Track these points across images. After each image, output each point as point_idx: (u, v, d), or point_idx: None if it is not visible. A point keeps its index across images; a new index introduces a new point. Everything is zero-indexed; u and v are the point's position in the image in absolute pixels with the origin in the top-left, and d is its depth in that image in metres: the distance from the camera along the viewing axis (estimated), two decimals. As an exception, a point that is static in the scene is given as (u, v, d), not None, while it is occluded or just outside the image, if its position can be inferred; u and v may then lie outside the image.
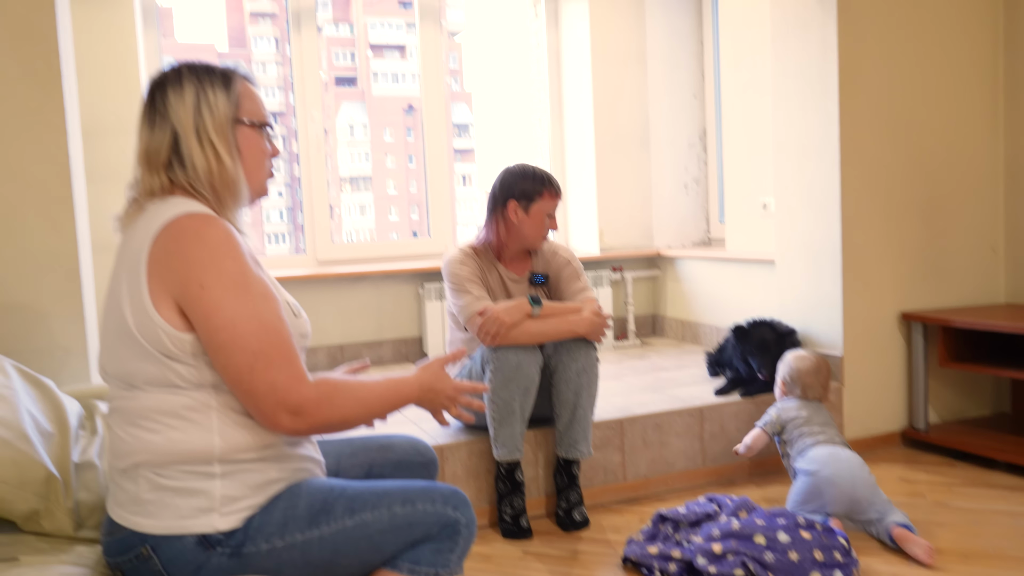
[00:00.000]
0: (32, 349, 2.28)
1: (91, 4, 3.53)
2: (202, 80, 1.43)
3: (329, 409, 1.35)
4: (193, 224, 1.33)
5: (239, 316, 1.30)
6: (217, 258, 1.31)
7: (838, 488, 2.37)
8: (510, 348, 2.45)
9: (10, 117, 2.26)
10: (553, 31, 4.70)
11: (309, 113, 4.18)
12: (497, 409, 2.47)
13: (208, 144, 1.41)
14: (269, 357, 1.30)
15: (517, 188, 2.62)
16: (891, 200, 3.21)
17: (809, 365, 2.74)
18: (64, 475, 1.57)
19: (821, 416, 2.65)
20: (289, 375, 1.32)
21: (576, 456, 2.56)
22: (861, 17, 3.10)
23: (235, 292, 1.30)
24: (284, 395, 1.30)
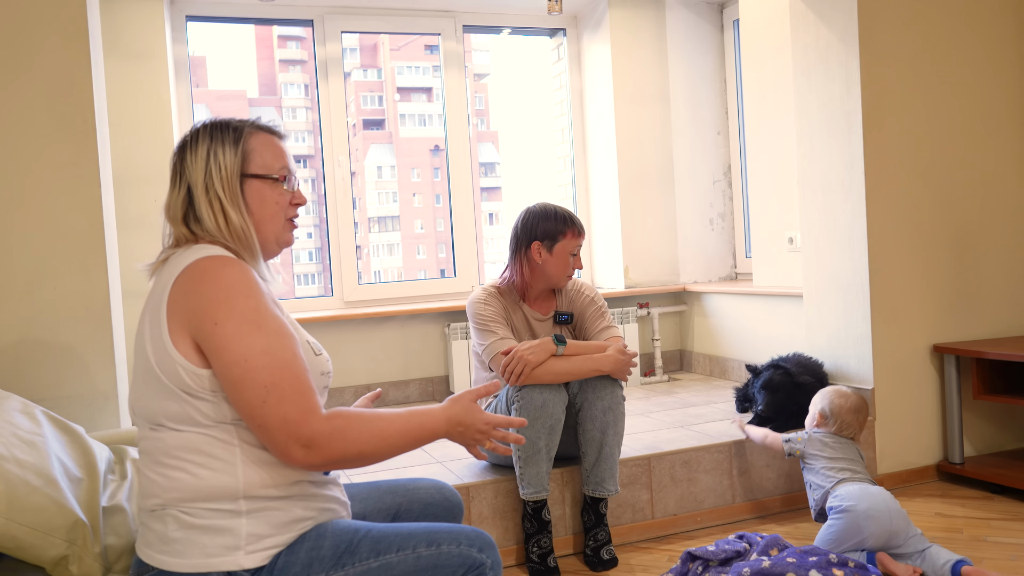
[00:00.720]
0: (63, 395, 2.33)
1: (125, 58, 3.64)
2: (214, 137, 1.49)
3: (342, 442, 1.35)
4: (211, 265, 1.38)
5: (251, 351, 1.32)
6: (231, 296, 1.35)
7: (875, 522, 2.33)
8: (535, 387, 2.45)
9: (45, 169, 2.33)
10: (576, 72, 4.76)
11: (336, 158, 4.26)
12: (523, 448, 2.46)
13: (215, 199, 1.46)
14: (281, 391, 1.32)
15: (540, 228, 2.64)
16: (919, 233, 3.18)
17: (851, 404, 2.68)
18: (92, 520, 1.59)
19: (850, 452, 2.61)
20: (301, 408, 1.32)
21: (603, 494, 2.54)
22: (883, 51, 3.10)
23: (248, 328, 1.33)
24: (296, 428, 1.31)
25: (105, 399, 2.38)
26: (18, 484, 1.49)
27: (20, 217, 2.31)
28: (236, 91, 22.45)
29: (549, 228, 2.64)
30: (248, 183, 1.49)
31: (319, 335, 3.92)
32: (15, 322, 2.30)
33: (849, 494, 2.42)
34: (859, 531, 2.35)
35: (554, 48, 4.86)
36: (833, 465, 2.56)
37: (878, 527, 2.34)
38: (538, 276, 2.68)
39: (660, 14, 4.55)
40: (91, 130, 2.37)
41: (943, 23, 3.20)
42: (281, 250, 1.58)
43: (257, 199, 1.50)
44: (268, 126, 1.57)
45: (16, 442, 1.60)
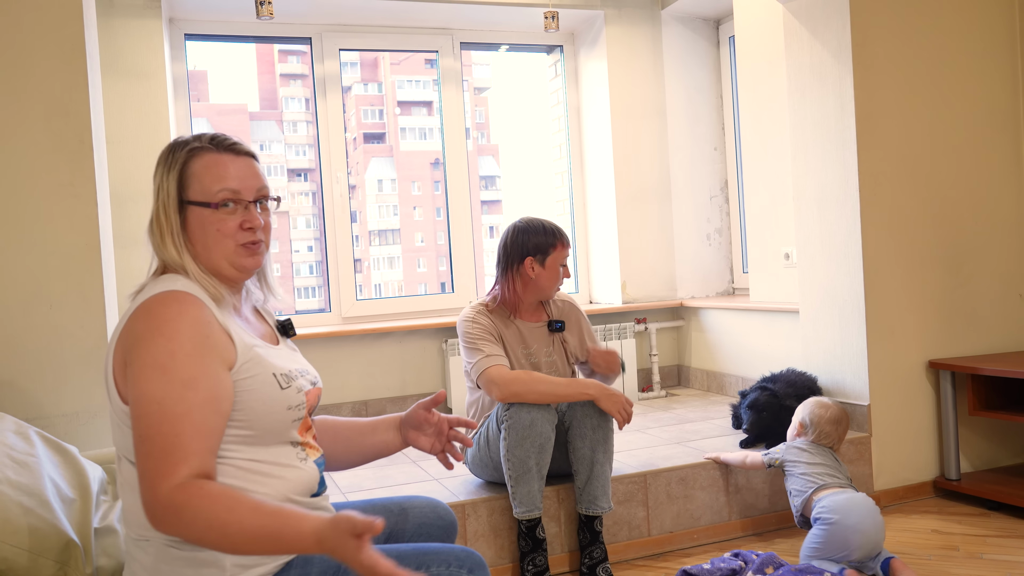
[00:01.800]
0: (58, 414, 2.33)
1: (124, 76, 3.66)
2: (167, 160, 1.46)
3: (176, 521, 1.22)
4: (152, 303, 1.35)
5: (143, 397, 1.27)
6: (151, 336, 1.30)
7: (863, 536, 2.36)
8: (523, 406, 2.46)
9: (42, 189, 2.34)
10: (573, 88, 4.78)
11: (334, 174, 4.28)
12: (513, 467, 2.47)
13: (160, 227, 1.43)
14: (151, 444, 1.25)
15: (531, 243, 2.66)
16: (914, 249, 3.19)
17: (831, 414, 2.71)
18: (84, 541, 1.59)
19: (828, 459, 2.63)
20: (156, 470, 1.23)
21: (597, 512, 2.54)
22: (876, 68, 3.12)
23: (151, 372, 1.28)
24: (145, 488, 1.24)
25: (99, 418, 2.38)
26: (10, 505, 1.50)
27: (17, 236, 2.32)
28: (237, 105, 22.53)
29: (540, 242, 2.66)
30: (189, 210, 1.43)
31: (316, 351, 3.93)
32: (10, 340, 2.31)
33: (836, 505, 2.42)
34: (846, 545, 2.36)
35: (551, 64, 4.89)
36: (812, 470, 2.58)
37: (864, 540, 2.36)
38: (531, 290, 2.70)
39: (656, 31, 4.57)
40: (88, 150, 2.39)
41: (936, 40, 3.23)
42: (244, 274, 1.48)
43: (198, 226, 1.43)
44: (221, 142, 1.48)
45: (9, 463, 1.60)
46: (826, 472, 2.58)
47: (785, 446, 2.71)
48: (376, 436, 1.72)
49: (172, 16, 4.01)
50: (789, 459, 2.65)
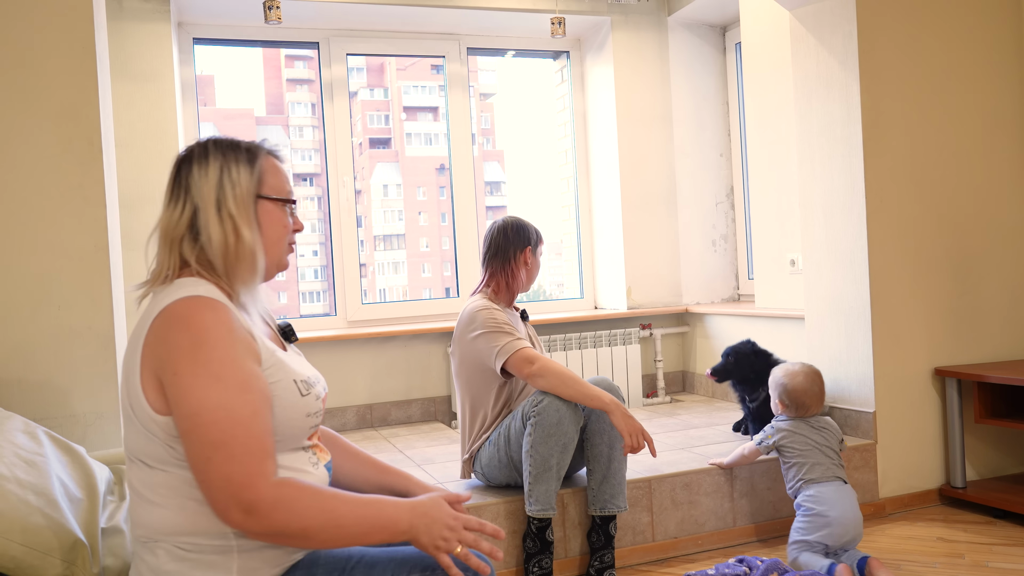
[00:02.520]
0: (66, 415, 2.34)
1: (133, 80, 3.68)
2: (227, 155, 1.45)
3: (286, 514, 1.26)
4: (183, 310, 1.33)
5: (204, 406, 1.27)
6: (196, 345, 1.30)
7: (842, 527, 2.50)
8: (551, 404, 2.46)
9: (52, 191, 2.35)
10: (579, 94, 4.79)
11: (340, 178, 4.29)
12: (535, 464, 2.47)
13: (228, 218, 1.41)
14: (229, 449, 1.26)
15: (525, 235, 2.81)
16: (920, 256, 3.19)
17: (801, 381, 2.73)
18: (91, 541, 1.60)
19: (817, 438, 2.66)
20: (248, 470, 1.26)
21: (613, 511, 2.54)
22: (883, 75, 3.13)
23: (206, 380, 1.28)
24: (238, 490, 1.25)
25: (107, 419, 2.39)
26: (18, 504, 1.50)
27: (26, 238, 2.33)
28: (244, 110, 22.59)
29: (532, 236, 2.83)
30: (260, 204, 1.46)
31: (322, 355, 3.94)
32: (19, 342, 2.32)
33: (822, 497, 2.54)
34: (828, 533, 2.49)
35: (558, 70, 4.90)
36: (803, 459, 2.63)
37: (843, 531, 2.50)
38: (528, 279, 2.83)
39: (663, 37, 4.58)
40: (97, 152, 2.40)
41: (942, 47, 3.23)
42: (280, 271, 1.55)
43: (268, 221, 1.47)
44: (275, 151, 1.54)
45: (17, 462, 1.61)
46: (815, 461, 2.62)
47: (772, 427, 2.74)
48: (388, 478, 1.68)
49: (181, 20, 4.03)
50: (783, 444, 2.69)
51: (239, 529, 1.28)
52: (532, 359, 2.51)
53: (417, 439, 3.70)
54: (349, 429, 4.02)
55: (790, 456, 2.66)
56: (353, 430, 4.01)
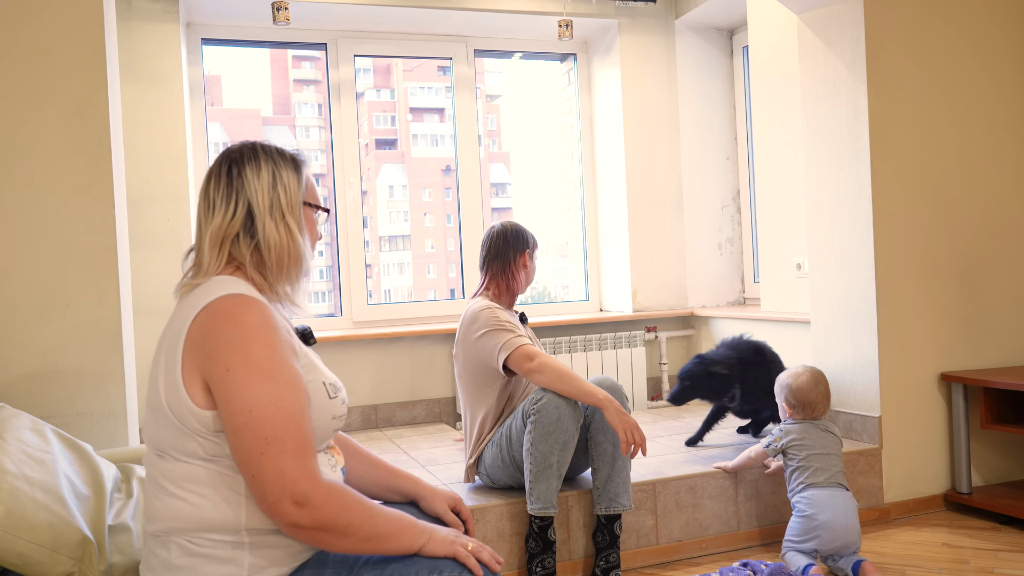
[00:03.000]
0: (73, 413, 2.35)
1: (142, 80, 3.69)
2: (276, 161, 1.50)
3: (337, 507, 1.31)
4: (230, 307, 1.36)
5: (258, 402, 1.30)
6: (247, 343, 1.33)
7: (832, 532, 2.50)
8: (551, 401, 2.47)
9: (60, 190, 2.36)
10: (586, 96, 4.80)
11: (347, 179, 4.30)
12: (535, 462, 2.48)
13: (281, 221, 1.47)
14: (282, 444, 1.29)
15: (523, 239, 2.86)
16: (927, 260, 3.19)
17: (806, 381, 2.74)
18: (98, 538, 1.60)
19: (824, 444, 2.66)
20: (301, 464, 1.30)
21: (618, 510, 2.54)
22: (891, 79, 3.12)
23: (259, 377, 1.31)
24: (292, 484, 1.28)
25: (114, 417, 2.40)
26: (26, 501, 1.51)
27: (35, 237, 2.34)
28: (250, 110, 22.65)
29: (529, 240, 2.88)
30: (304, 210, 1.53)
31: (329, 354, 3.94)
32: (27, 340, 2.33)
33: (816, 500, 2.55)
34: (816, 537, 2.52)
35: (565, 72, 4.91)
36: (809, 464, 2.63)
37: (833, 536, 2.50)
38: (526, 282, 2.88)
39: (670, 40, 4.59)
40: (106, 152, 2.41)
41: (951, 53, 3.23)
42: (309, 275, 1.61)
43: (310, 227, 1.55)
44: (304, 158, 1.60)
45: (25, 459, 1.62)
46: (819, 466, 2.62)
47: (781, 430, 2.74)
48: (397, 480, 1.71)
49: (189, 21, 4.04)
50: (789, 448, 2.69)
51: (288, 522, 1.30)
52: (532, 355, 2.53)
53: (422, 440, 3.71)
54: (354, 429, 4.02)
55: (795, 459, 2.66)
56: (358, 430, 4.02)
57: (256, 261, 1.46)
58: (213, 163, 1.52)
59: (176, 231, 3.69)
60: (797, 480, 2.64)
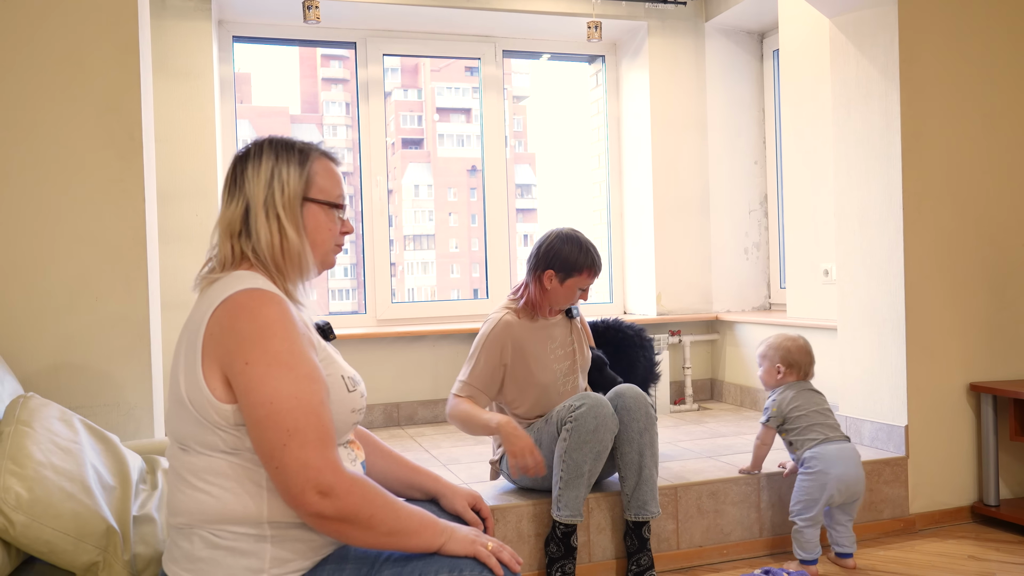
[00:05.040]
0: (100, 404, 2.38)
1: (173, 76, 3.73)
2: (279, 155, 1.48)
3: (360, 499, 1.32)
4: (248, 301, 1.36)
5: (278, 394, 1.30)
6: (266, 336, 1.33)
7: (844, 484, 2.60)
8: (590, 412, 2.46)
9: (92, 184, 2.39)
10: (614, 98, 4.78)
11: (374, 178, 4.32)
12: (567, 470, 2.47)
13: (274, 218, 1.45)
14: (304, 436, 1.30)
15: (560, 259, 2.64)
16: (957, 269, 3.14)
17: (802, 343, 2.81)
18: (123, 528, 1.62)
19: (818, 401, 2.73)
20: (323, 457, 1.30)
21: (647, 517, 2.54)
22: (925, 86, 3.08)
23: (278, 370, 1.32)
24: (316, 474, 1.29)
25: (140, 409, 2.42)
26: (53, 489, 1.53)
27: (66, 229, 2.37)
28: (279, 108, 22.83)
29: (569, 261, 2.63)
30: (307, 206, 1.49)
31: (352, 352, 3.96)
32: (57, 331, 2.36)
33: (826, 455, 2.61)
34: (828, 493, 2.59)
35: (593, 74, 4.89)
36: (811, 423, 2.68)
37: (845, 487, 2.60)
38: (545, 300, 2.72)
39: (699, 43, 4.56)
40: (138, 147, 2.44)
41: (985, 58, 3.18)
42: (325, 270, 1.59)
43: (314, 224, 1.50)
44: (330, 153, 1.56)
45: (53, 448, 1.64)
46: (818, 422, 2.68)
47: (774, 400, 2.75)
48: (419, 477, 1.72)
49: (221, 18, 4.08)
50: (788, 415, 2.71)
51: (312, 512, 1.30)
52: (449, 407, 2.64)
53: (443, 439, 3.71)
54: (376, 427, 4.04)
55: (797, 426, 2.69)
56: (380, 428, 4.03)
57: (258, 257, 1.46)
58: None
59: (204, 227, 3.72)
60: (802, 443, 2.68)
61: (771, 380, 2.82)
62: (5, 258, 2.32)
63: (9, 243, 2.33)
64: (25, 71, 2.34)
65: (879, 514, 3.03)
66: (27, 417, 1.69)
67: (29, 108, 2.34)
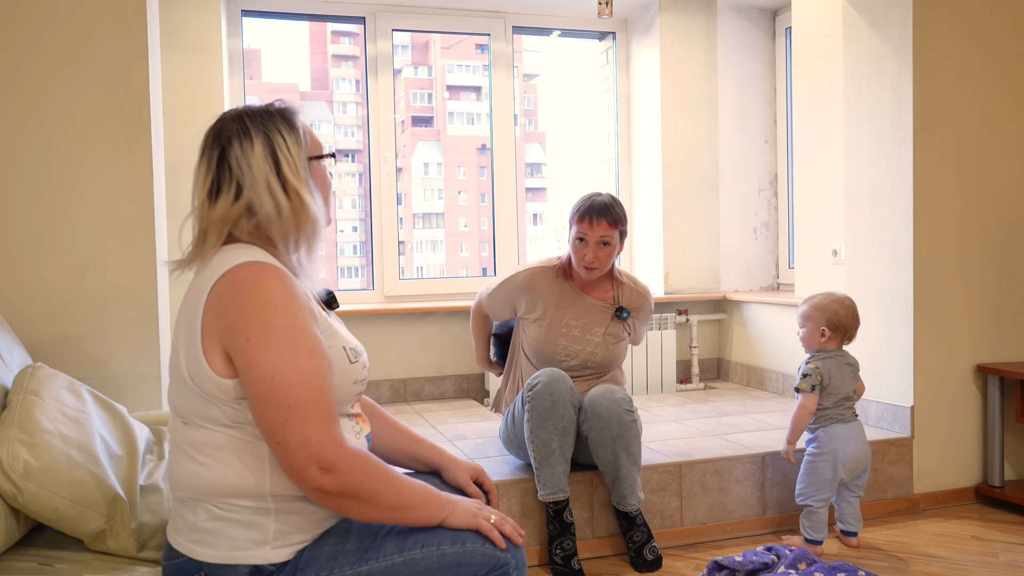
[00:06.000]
0: (108, 375, 2.40)
1: (182, 51, 3.73)
2: (267, 125, 1.44)
3: (362, 474, 1.33)
4: (248, 275, 1.35)
5: (280, 370, 1.30)
6: (267, 312, 1.32)
7: (855, 461, 2.62)
8: (545, 388, 2.47)
9: (101, 157, 2.40)
10: (624, 76, 4.75)
11: (382, 154, 4.31)
12: (537, 448, 2.49)
13: (289, 188, 1.42)
14: (306, 411, 1.30)
15: (576, 212, 2.70)
16: (966, 250, 3.12)
17: (848, 305, 2.70)
18: (130, 497, 1.64)
19: (848, 383, 2.67)
20: (325, 432, 1.31)
21: (626, 508, 2.54)
22: (937, 65, 3.05)
23: (280, 346, 1.31)
24: (318, 450, 1.29)
25: (147, 381, 2.44)
26: (61, 458, 1.55)
27: (74, 202, 2.38)
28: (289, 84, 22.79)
29: (573, 209, 2.70)
30: (312, 165, 1.48)
31: (359, 328, 3.98)
32: (66, 303, 2.37)
33: (839, 435, 2.62)
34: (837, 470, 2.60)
35: (603, 51, 4.86)
36: (838, 394, 2.66)
37: (854, 466, 2.62)
38: (569, 256, 2.76)
39: (711, 20, 4.52)
40: (146, 120, 2.44)
41: (1001, 38, 3.14)
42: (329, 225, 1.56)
43: (319, 180, 1.49)
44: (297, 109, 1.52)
45: (61, 418, 1.66)
46: (844, 396, 2.66)
47: (818, 368, 2.65)
48: (421, 449, 1.73)
49: (230, -8, 4.06)
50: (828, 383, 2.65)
51: (314, 487, 1.31)
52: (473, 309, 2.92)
53: (449, 415, 3.73)
54: (383, 402, 4.06)
55: (823, 402, 2.66)
56: (387, 403, 4.05)
57: (255, 234, 1.42)
58: (203, 141, 1.45)
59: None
60: (818, 418, 2.66)
61: (814, 343, 2.70)
62: (13, 230, 2.34)
63: (17, 215, 2.34)
64: (34, 44, 2.34)
65: (883, 494, 3.04)
66: (35, 387, 1.71)
67: (37, 80, 2.35)
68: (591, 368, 2.77)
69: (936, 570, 2.48)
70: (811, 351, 2.72)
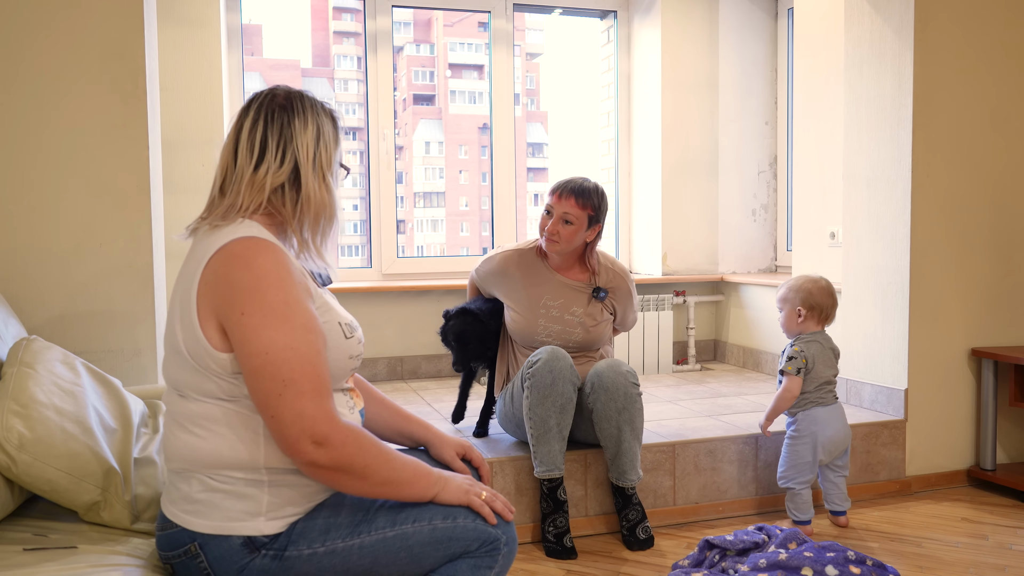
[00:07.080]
0: (103, 349, 2.41)
1: (179, 25, 3.70)
2: (320, 116, 1.49)
3: (355, 448, 1.34)
4: (243, 250, 1.36)
5: (274, 344, 1.31)
6: (261, 286, 1.34)
7: (834, 444, 2.67)
8: (545, 365, 2.48)
9: (96, 130, 2.39)
10: (625, 55, 4.73)
11: (381, 132, 4.29)
12: (535, 425, 2.50)
13: (322, 178, 1.47)
14: (300, 386, 1.31)
15: None
16: (963, 234, 3.12)
17: (823, 285, 2.74)
18: (124, 469, 1.65)
19: (830, 369, 2.71)
20: (318, 407, 1.32)
21: (625, 484, 2.56)
22: (938, 48, 3.04)
23: (274, 321, 1.32)
24: (311, 424, 1.31)
25: (143, 355, 2.45)
26: (55, 430, 1.55)
27: (70, 176, 2.38)
28: (290, 61, 22.67)
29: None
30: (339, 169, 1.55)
31: (357, 305, 3.98)
32: (61, 277, 2.38)
33: (819, 418, 2.66)
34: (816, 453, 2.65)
35: (604, 30, 4.83)
36: (819, 385, 2.69)
37: (833, 448, 2.67)
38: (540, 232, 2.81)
39: (713, 0, 4.49)
40: (142, 93, 2.43)
41: (1002, 20, 3.12)
42: None
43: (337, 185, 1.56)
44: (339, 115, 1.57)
45: (56, 391, 1.66)
46: (827, 380, 2.70)
47: (802, 350, 2.67)
48: (410, 426, 1.74)
49: (229, -34, 4.03)
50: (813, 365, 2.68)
51: (307, 460, 1.32)
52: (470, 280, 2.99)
53: (445, 393, 3.74)
54: (379, 380, 4.07)
55: (811, 384, 2.69)
56: (383, 381, 4.07)
57: (289, 212, 1.45)
58: (255, 105, 1.47)
59: (210, 177, 3.68)
60: (800, 401, 2.69)
61: (792, 326, 2.73)
62: (9, 204, 2.34)
63: (13, 189, 2.34)
64: (29, 15, 2.33)
65: (875, 476, 3.06)
66: (30, 359, 1.71)
67: (32, 53, 2.34)
68: (573, 346, 2.77)
69: (926, 551, 2.50)
70: (792, 335, 2.76)
